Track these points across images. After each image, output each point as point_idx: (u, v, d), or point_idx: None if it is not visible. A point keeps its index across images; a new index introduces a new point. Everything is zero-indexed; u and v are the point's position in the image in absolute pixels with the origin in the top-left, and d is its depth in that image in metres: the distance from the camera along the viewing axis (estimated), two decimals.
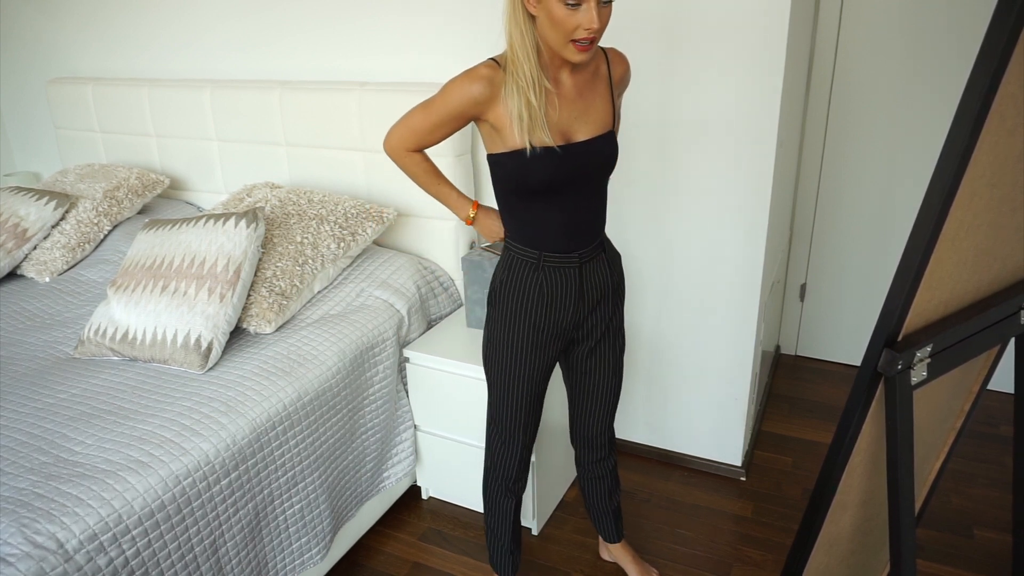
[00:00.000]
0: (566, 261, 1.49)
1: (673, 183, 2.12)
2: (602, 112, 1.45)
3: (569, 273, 1.50)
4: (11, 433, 1.56)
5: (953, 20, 2.44)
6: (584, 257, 1.50)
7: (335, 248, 2.15)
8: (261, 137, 2.60)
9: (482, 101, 1.36)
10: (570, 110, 1.41)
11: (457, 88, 1.37)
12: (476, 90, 1.35)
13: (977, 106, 0.94)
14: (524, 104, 1.33)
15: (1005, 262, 1.23)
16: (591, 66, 1.45)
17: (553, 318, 1.53)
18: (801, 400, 2.78)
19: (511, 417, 1.64)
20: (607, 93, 1.47)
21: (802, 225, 2.92)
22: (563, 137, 1.40)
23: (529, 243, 1.48)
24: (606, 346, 1.64)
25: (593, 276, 1.53)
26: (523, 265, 1.50)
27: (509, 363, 1.57)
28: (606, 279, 1.56)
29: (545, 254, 1.48)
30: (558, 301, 1.51)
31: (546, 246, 1.47)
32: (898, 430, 1.10)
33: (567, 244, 1.47)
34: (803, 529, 1.25)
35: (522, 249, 1.50)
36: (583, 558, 2.05)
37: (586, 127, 1.43)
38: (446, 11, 2.24)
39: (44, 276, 2.47)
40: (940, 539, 2.06)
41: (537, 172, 1.38)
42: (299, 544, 1.77)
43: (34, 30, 3.20)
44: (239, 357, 1.84)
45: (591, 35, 1.27)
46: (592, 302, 1.56)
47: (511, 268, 1.52)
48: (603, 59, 1.47)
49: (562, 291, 1.51)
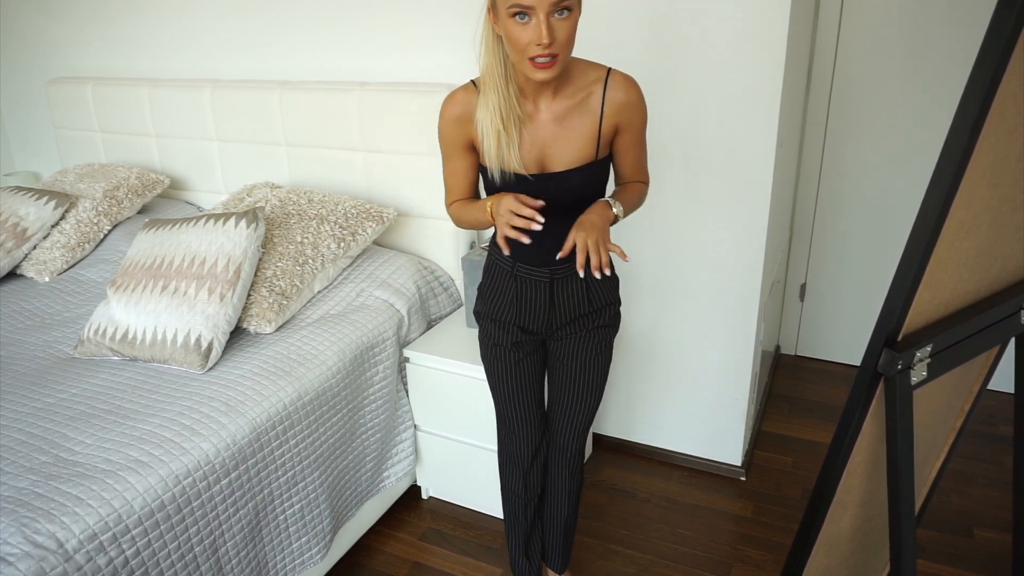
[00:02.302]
0: (537, 275, 1.49)
1: (673, 183, 2.12)
2: (583, 142, 1.38)
3: (540, 285, 1.50)
4: (11, 433, 1.56)
5: (953, 20, 2.44)
6: (556, 274, 1.48)
7: (335, 248, 2.15)
8: (261, 137, 2.60)
9: (463, 122, 1.39)
10: (546, 138, 1.37)
11: (442, 119, 1.41)
12: (455, 112, 1.39)
13: (977, 105, 0.94)
14: (493, 133, 1.33)
15: (1005, 262, 1.23)
16: (583, 92, 1.37)
17: (526, 320, 1.54)
18: (801, 400, 2.78)
19: (511, 416, 1.67)
20: (594, 123, 1.38)
21: (802, 225, 2.92)
22: (537, 165, 1.38)
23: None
24: (582, 360, 1.58)
25: (564, 293, 1.50)
26: (500, 271, 1.53)
27: (495, 360, 1.62)
28: (581, 300, 1.51)
29: (519, 264, 1.49)
30: (531, 305, 1.53)
31: (520, 256, 1.48)
32: (898, 430, 1.10)
33: (541, 258, 1.47)
34: (803, 529, 1.25)
35: (500, 255, 1.53)
36: (583, 557, 2.05)
37: (563, 157, 1.38)
38: (446, 11, 2.24)
39: (44, 276, 2.47)
40: (940, 539, 2.06)
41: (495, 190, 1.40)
42: (299, 544, 1.77)
43: (34, 30, 3.20)
44: (239, 357, 1.84)
45: (544, 51, 1.20)
46: (565, 317, 1.53)
47: (490, 272, 1.57)
48: (601, 84, 1.37)
49: (534, 298, 1.52)
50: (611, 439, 2.53)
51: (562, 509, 1.78)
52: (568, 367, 1.59)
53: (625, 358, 2.40)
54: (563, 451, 1.70)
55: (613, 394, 2.47)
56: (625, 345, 2.38)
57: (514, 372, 1.61)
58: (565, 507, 1.78)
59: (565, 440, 1.69)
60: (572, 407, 1.64)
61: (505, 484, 1.79)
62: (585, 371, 1.59)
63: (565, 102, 1.37)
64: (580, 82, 1.37)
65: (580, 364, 1.58)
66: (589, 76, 1.38)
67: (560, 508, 1.78)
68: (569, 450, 1.70)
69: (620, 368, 2.42)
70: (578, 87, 1.37)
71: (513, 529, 1.83)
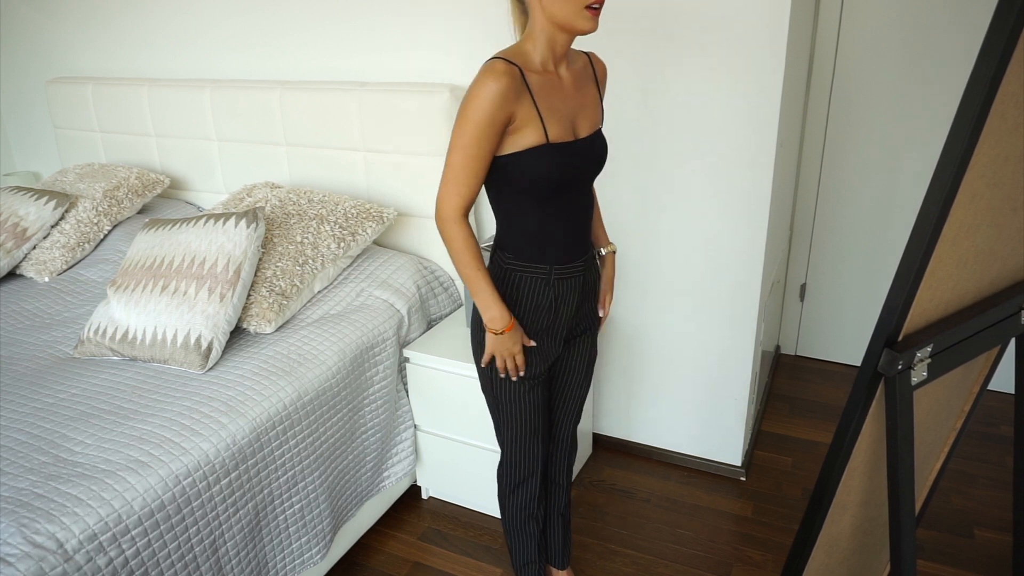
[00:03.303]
0: (573, 271, 1.47)
1: (673, 182, 2.12)
2: (595, 109, 1.45)
3: (575, 283, 1.48)
4: (11, 433, 1.56)
5: (953, 20, 2.44)
6: (588, 263, 1.50)
7: (335, 248, 2.15)
8: (261, 137, 2.60)
9: (511, 98, 1.26)
10: (572, 105, 1.39)
11: (484, 91, 1.25)
12: (503, 84, 1.25)
13: (978, 105, 0.94)
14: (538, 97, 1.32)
15: (1006, 262, 1.23)
16: (580, 62, 1.44)
17: (559, 325, 1.50)
18: (801, 400, 2.78)
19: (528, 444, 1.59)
20: (596, 91, 1.47)
21: (802, 225, 2.92)
22: (572, 132, 1.38)
23: (536, 258, 1.43)
24: (584, 345, 1.62)
25: (588, 280, 1.54)
26: (531, 283, 1.44)
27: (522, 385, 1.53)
28: (596, 282, 1.58)
29: (555, 267, 1.44)
30: (564, 308, 1.49)
31: (555, 259, 1.43)
32: (898, 430, 1.10)
33: (572, 253, 1.45)
34: (803, 529, 1.25)
35: (529, 266, 1.43)
36: (583, 557, 2.05)
37: (585, 123, 1.42)
38: (446, 11, 2.24)
39: (44, 276, 2.46)
40: (940, 539, 2.06)
41: (555, 165, 1.33)
42: (299, 544, 1.77)
43: (34, 30, 3.20)
44: (239, 357, 1.84)
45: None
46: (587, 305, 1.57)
47: (518, 288, 1.45)
48: (587, 60, 1.47)
49: (569, 299, 1.49)
50: (611, 439, 2.53)
51: (561, 500, 1.79)
52: (576, 369, 1.63)
53: (625, 358, 2.40)
54: (564, 444, 1.73)
55: (613, 394, 2.47)
56: (625, 345, 2.38)
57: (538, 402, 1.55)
58: (564, 498, 1.79)
59: (566, 433, 1.72)
60: (576, 404, 1.69)
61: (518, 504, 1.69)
62: (588, 369, 1.66)
63: (575, 70, 1.42)
64: (573, 56, 1.45)
65: (587, 364, 1.65)
66: (576, 53, 1.47)
67: (560, 500, 1.79)
68: (570, 440, 1.74)
69: (620, 368, 2.42)
70: (573, 59, 1.44)
71: (525, 545, 1.74)
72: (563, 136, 1.35)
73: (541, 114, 1.31)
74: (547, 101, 1.33)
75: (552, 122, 1.33)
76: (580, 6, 1.26)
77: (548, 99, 1.33)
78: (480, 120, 1.26)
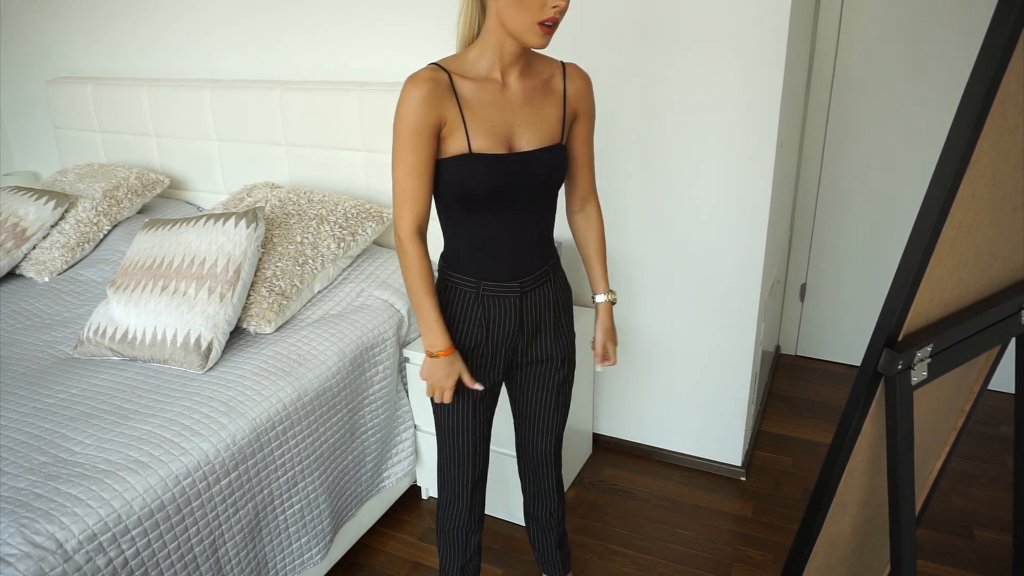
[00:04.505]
0: (507, 291, 1.42)
1: (673, 182, 2.12)
2: (551, 124, 1.39)
3: (509, 302, 1.43)
4: (10, 433, 1.56)
5: (953, 20, 2.44)
6: (526, 286, 1.43)
7: (335, 248, 2.15)
8: (261, 137, 2.60)
9: (434, 104, 1.28)
10: (515, 116, 1.35)
11: (405, 98, 1.28)
12: (424, 90, 1.27)
13: (978, 105, 0.94)
14: (466, 105, 1.30)
15: (1006, 262, 1.23)
16: (544, 75, 1.40)
17: (492, 345, 1.46)
18: (801, 400, 2.78)
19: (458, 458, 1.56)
20: (559, 107, 1.40)
21: (802, 225, 2.92)
22: (506, 144, 1.34)
23: (468, 271, 1.41)
24: (548, 371, 1.55)
25: (534, 305, 1.47)
26: (462, 295, 1.43)
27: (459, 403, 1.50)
28: (547, 306, 1.48)
29: (485, 283, 1.41)
30: (497, 328, 1.45)
31: (486, 274, 1.41)
32: (898, 430, 1.10)
33: (509, 271, 1.41)
34: (803, 529, 1.25)
35: (461, 279, 1.42)
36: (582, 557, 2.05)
37: (531, 137, 1.36)
38: (447, 11, 2.24)
39: (43, 276, 2.46)
40: (940, 539, 2.06)
41: (479, 176, 1.31)
42: (299, 544, 1.77)
43: (34, 30, 3.20)
44: (239, 357, 1.84)
45: (557, 13, 1.24)
46: (532, 331, 1.49)
47: (449, 297, 1.44)
48: (559, 72, 1.42)
49: (503, 319, 1.44)
50: (610, 439, 2.53)
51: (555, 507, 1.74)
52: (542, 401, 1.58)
53: (625, 358, 2.40)
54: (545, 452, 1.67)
55: (613, 394, 2.47)
56: (625, 345, 2.38)
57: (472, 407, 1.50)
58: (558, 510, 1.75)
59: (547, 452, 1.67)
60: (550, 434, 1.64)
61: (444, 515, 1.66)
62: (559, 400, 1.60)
63: (531, 81, 1.38)
64: (539, 67, 1.41)
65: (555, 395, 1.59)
66: (546, 63, 1.43)
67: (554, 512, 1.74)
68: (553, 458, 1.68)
69: (620, 368, 2.42)
70: (537, 70, 1.40)
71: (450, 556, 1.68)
72: (492, 147, 1.31)
73: (466, 122, 1.30)
74: (478, 110, 1.31)
75: (479, 132, 1.31)
76: (533, 21, 1.24)
77: (480, 108, 1.31)
78: (405, 128, 1.29)
